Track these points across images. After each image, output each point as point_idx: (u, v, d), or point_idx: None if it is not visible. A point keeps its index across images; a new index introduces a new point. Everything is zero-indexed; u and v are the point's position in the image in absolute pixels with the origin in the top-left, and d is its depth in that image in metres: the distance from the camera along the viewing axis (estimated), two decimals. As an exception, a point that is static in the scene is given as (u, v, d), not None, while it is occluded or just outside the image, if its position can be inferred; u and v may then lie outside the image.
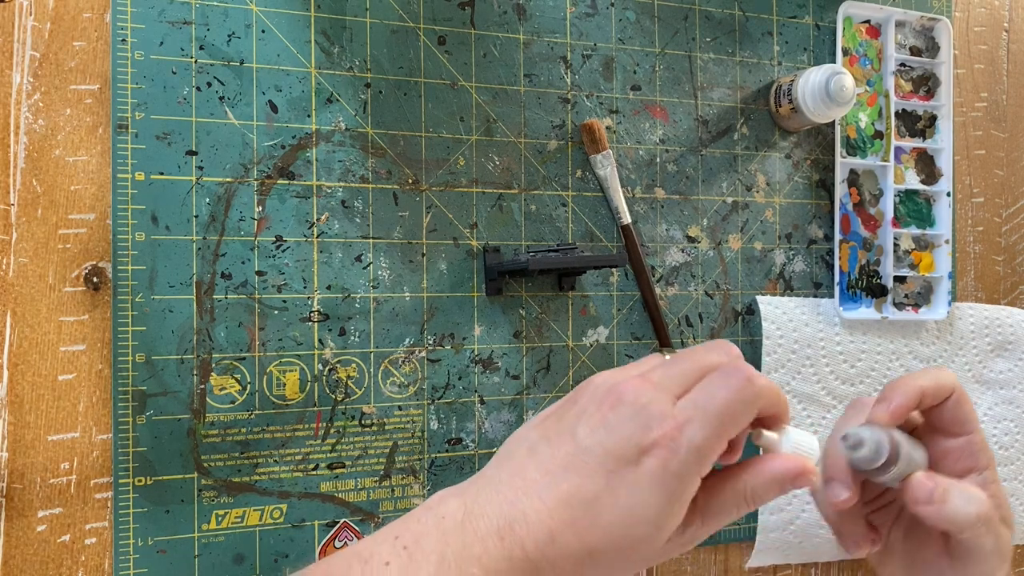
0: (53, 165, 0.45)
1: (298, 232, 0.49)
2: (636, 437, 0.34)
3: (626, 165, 0.57)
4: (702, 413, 0.34)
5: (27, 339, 0.45)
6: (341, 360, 0.50)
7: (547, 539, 0.33)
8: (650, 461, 0.33)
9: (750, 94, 0.60)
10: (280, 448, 0.49)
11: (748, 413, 0.35)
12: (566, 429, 0.36)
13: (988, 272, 0.68)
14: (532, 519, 0.34)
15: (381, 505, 0.51)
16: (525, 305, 0.54)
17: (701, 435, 0.34)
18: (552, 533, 0.33)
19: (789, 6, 0.62)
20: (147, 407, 0.46)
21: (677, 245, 0.58)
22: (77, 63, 0.46)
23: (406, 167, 0.52)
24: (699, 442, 0.34)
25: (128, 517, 0.46)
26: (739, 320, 0.60)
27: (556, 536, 0.33)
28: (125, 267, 0.46)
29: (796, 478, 0.36)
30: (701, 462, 0.34)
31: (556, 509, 0.34)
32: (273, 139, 0.49)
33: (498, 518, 0.34)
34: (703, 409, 0.34)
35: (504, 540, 0.34)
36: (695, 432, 0.34)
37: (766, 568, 0.61)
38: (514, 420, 0.54)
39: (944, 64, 0.64)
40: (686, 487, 0.34)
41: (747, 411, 0.35)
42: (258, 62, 0.49)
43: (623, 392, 0.35)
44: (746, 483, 0.36)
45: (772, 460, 0.36)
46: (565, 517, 0.33)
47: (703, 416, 0.34)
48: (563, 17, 0.56)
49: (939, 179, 0.64)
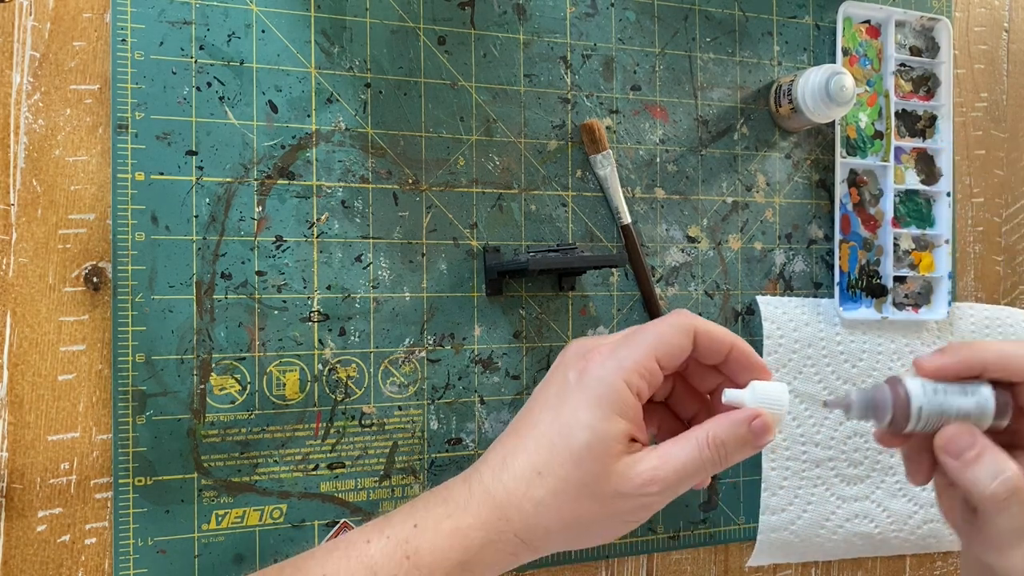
0: (53, 165, 0.45)
1: (298, 232, 0.49)
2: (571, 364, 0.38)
3: (626, 165, 0.57)
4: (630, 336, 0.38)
5: (27, 339, 0.45)
6: (341, 360, 0.50)
7: (500, 465, 0.38)
8: (580, 377, 0.37)
9: (750, 94, 0.60)
10: (280, 448, 0.49)
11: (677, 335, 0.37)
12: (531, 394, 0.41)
13: (988, 272, 0.68)
14: (491, 456, 0.39)
15: (381, 505, 0.51)
16: (525, 305, 0.54)
17: (625, 349, 0.37)
18: (504, 459, 0.38)
19: (789, 6, 0.62)
20: (147, 407, 0.46)
21: (677, 245, 0.58)
22: (77, 63, 0.46)
23: (406, 167, 0.52)
24: (623, 353, 0.37)
25: (128, 517, 0.46)
26: (739, 320, 0.60)
27: (508, 461, 0.37)
28: (125, 267, 0.46)
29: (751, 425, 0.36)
30: (623, 367, 0.36)
31: (508, 442, 0.39)
32: (273, 139, 0.49)
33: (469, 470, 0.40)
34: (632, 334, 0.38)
35: (468, 480, 0.39)
36: (620, 347, 0.37)
37: (766, 568, 0.61)
38: (514, 420, 0.54)
39: (944, 64, 0.64)
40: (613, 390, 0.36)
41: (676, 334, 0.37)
42: (258, 62, 0.49)
43: (571, 344, 0.41)
44: (707, 428, 0.37)
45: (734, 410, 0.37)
46: (515, 444, 0.38)
47: (630, 338, 0.38)
48: (563, 17, 0.56)
49: (939, 179, 0.64)
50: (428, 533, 0.36)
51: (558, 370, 0.40)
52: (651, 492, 0.36)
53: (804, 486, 0.59)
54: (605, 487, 0.35)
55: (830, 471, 0.59)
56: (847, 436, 0.60)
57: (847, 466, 0.60)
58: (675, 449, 0.36)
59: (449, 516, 0.37)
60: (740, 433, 0.36)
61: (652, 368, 0.36)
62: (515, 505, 0.36)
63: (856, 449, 0.60)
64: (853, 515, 0.60)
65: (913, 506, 0.62)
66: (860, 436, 0.60)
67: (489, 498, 0.37)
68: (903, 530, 0.62)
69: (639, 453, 0.36)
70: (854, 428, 0.60)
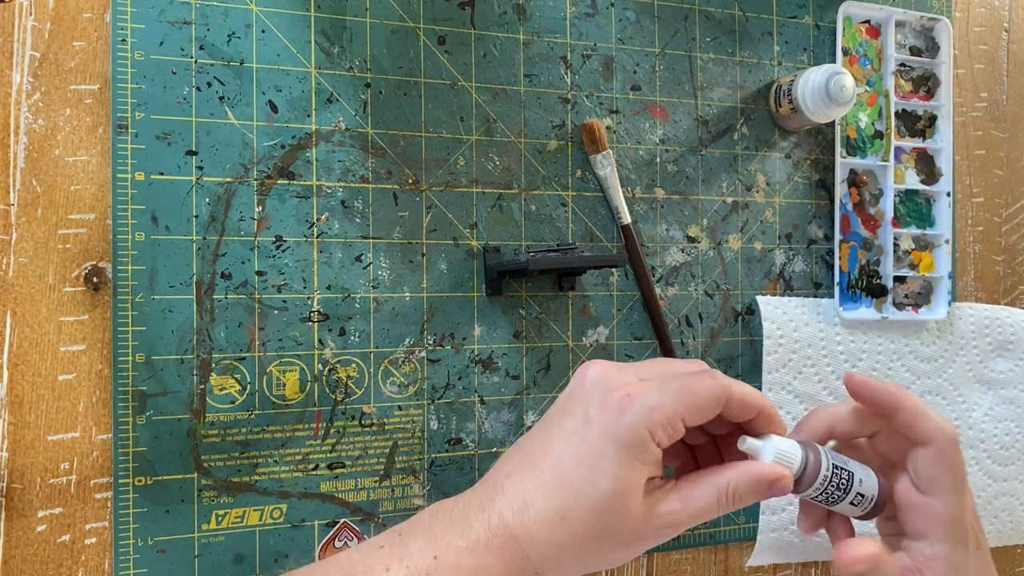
0: (53, 165, 0.45)
1: (298, 232, 0.49)
2: (594, 399, 0.37)
3: (626, 165, 0.57)
4: (660, 383, 0.37)
5: (27, 339, 0.45)
6: (341, 360, 0.50)
7: (522, 505, 0.36)
8: (604, 416, 0.36)
9: (750, 94, 0.60)
10: (280, 448, 0.49)
11: (709, 402, 0.37)
12: (545, 416, 0.39)
13: (988, 272, 0.68)
14: (509, 489, 0.37)
15: (381, 505, 0.51)
16: (525, 305, 0.54)
17: (655, 398, 0.36)
18: (526, 499, 0.36)
19: (789, 6, 0.62)
20: (147, 407, 0.46)
21: (677, 245, 0.58)
22: (77, 63, 0.46)
23: (406, 167, 0.52)
24: (652, 402, 0.36)
25: (128, 517, 0.46)
26: (739, 320, 0.60)
27: (529, 501, 0.36)
28: (125, 267, 0.46)
29: (772, 484, 0.38)
30: (651, 417, 0.36)
31: (526, 476, 0.37)
32: (273, 139, 0.49)
33: (481, 495, 0.38)
34: (662, 381, 0.37)
35: (484, 510, 0.37)
36: (650, 394, 0.36)
37: (766, 568, 0.61)
38: (514, 420, 0.54)
39: (944, 64, 0.64)
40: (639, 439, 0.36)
41: (708, 400, 0.37)
42: (258, 62, 0.49)
43: (591, 368, 0.38)
44: (729, 480, 0.37)
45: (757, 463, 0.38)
46: (536, 482, 0.36)
47: (660, 386, 0.37)
48: (563, 17, 0.56)
49: (939, 179, 0.64)
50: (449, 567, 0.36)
51: (577, 397, 0.38)
52: (669, 533, 0.37)
53: (804, 486, 0.59)
54: (627, 530, 0.36)
55: (830, 471, 0.59)
56: (847, 436, 0.60)
57: (847, 466, 0.60)
58: (695, 492, 0.37)
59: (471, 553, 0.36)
60: (760, 490, 0.38)
61: (677, 425, 0.37)
62: (538, 548, 0.36)
63: (856, 449, 0.60)
64: (853, 515, 0.60)
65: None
66: (860, 436, 0.60)
67: (512, 540, 0.36)
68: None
69: (658, 492, 0.37)
70: (854, 428, 0.60)
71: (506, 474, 0.38)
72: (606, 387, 0.37)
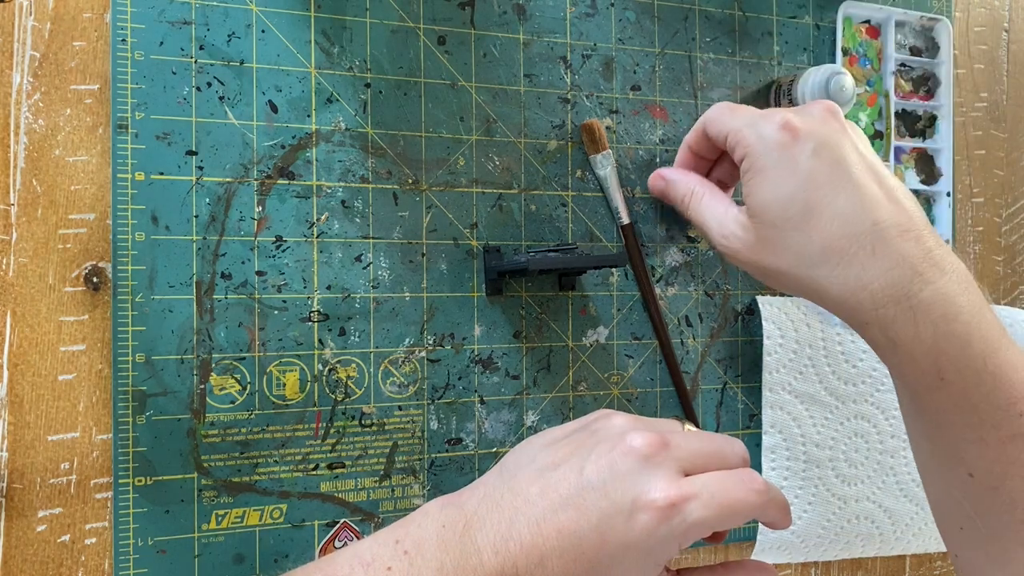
0: (53, 165, 0.45)
1: (298, 232, 0.49)
2: (637, 492, 0.36)
3: (626, 165, 0.57)
4: (709, 497, 0.36)
5: (27, 339, 0.45)
6: (341, 360, 0.50)
7: (537, 562, 0.35)
8: (643, 518, 0.35)
9: (750, 94, 0.60)
10: (280, 448, 0.49)
11: (751, 515, 0.37)
12: (575, 462, 0.37)
13: (988, 272, 0.68)
14: (527, 541, 0.35)
15: (381, 505, 0.51)
16: (525, 305, 0.54)
17: (699, 514, 0.36)
18: (543, 558, 0.35)
19: (789, 6, 0.62)
20: (147, 407, 0.46)
21: (677, 245, 0.58)
22: (77, 63, 0.46)
23: (406, 167, 0.52)
24: (695, 519, 0.35)
25: (128, 517, 0.46)
26: (739, 320, 0.60)
27: (545, 561, 0.35)
28: (125, 267, 0.46)
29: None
30: (687, 536, 0.36)
31: (550, 537, 0.35)
32: (273, 139, 0.49)
33: (495, 533, 0.36)
34: (711, 494, 0.36)
35: (499, 555, 0.35)
36: (695, 509, 0.35)
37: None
38: (514, 420, 0.54)
39: (944, 64, 0.64)
40: (666, 553, 0.36)
41: (751, 514, 0.37)
42: (258, 62, 0.49)
43: (637, 443, 0.37)
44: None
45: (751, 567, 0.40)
46: (555, 546, 0.35)
47: (709, 499, 0.36)
48: (563, 17, 0.56)
49: (939, 179, 0.64)
50: None
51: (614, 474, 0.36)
52: None
53: (804, 486, 0.59)
54: None
55: (830, 471, 0.59)
56: (847, 436, 0.60)
57: (847, 466, 0.60)
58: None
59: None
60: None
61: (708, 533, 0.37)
62: None
63: (856, 449, 0.60)
64: (853, 515, 0.60)
65: (913, 506, 0.62)
66: (860, 436, 0.60)
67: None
68: (903, 530, 0.62)
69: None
70: (854, 428, 0.60)
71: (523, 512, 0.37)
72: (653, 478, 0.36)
